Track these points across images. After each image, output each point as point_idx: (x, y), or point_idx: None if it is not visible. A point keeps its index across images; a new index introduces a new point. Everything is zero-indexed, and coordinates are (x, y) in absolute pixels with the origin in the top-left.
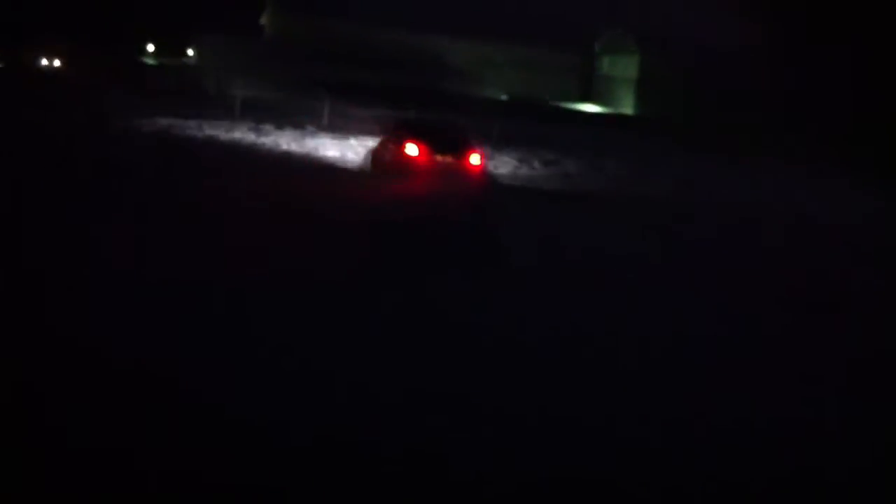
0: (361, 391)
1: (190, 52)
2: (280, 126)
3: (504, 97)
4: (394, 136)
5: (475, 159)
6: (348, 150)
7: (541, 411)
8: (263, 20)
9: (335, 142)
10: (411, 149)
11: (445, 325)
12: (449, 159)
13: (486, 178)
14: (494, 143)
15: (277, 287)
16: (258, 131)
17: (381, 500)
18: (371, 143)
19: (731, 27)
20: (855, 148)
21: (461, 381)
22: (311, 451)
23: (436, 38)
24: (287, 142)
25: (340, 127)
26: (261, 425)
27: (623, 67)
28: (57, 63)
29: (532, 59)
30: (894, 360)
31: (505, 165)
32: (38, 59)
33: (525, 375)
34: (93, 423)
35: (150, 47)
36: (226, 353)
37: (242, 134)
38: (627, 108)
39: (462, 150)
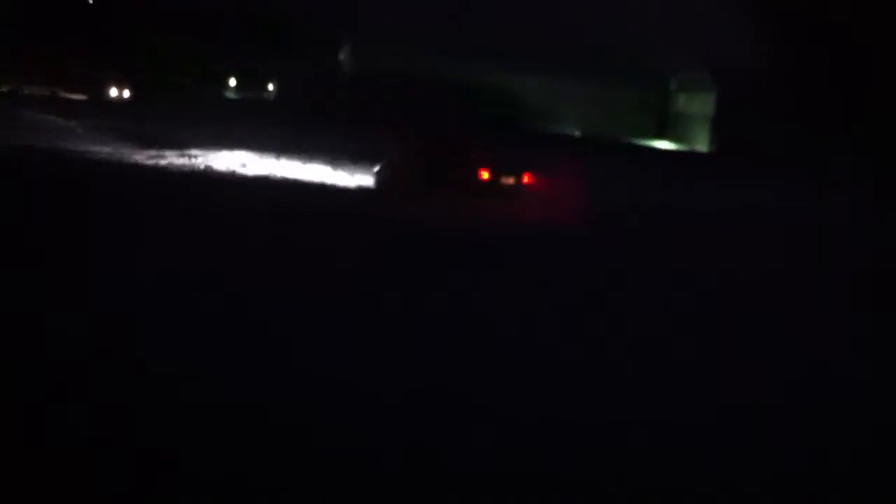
0: None
1: (270, 86)
2: (355, 160)
3: (577, 134)
4: (445, 151)
5: (532, 178)
6: None
7: None
8: (341, 56)
9: None
10: (483, 171)
11: None
12: (510, 180)
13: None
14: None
15: None
16: (335, 165)
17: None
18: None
19: (802, 52)
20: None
21: None
22: None
23: (511, 74)
24: (361, 176)
25: None
26: None
27: (699, 104)
28: (126, 94)
29: (607, 97)
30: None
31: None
32: (108, 88)
33: None
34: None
35: (232, 82)
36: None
37: (318, 168)
38: (703, 145)
39: (519, 170)
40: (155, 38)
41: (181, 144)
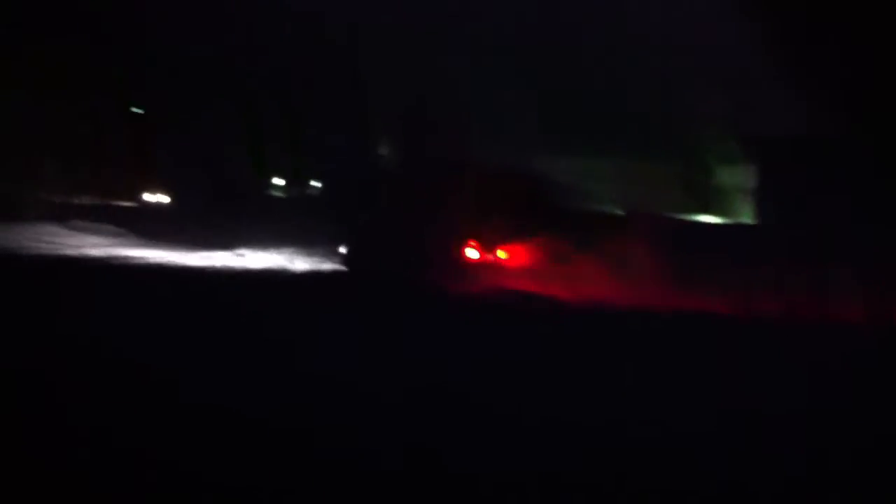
0: None
1: (314, 183)
2: None
3: (618, 212)
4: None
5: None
6: None
7: None
8: (382, 151)
9: None
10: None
11: None
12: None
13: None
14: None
15: None
16: None
17: None
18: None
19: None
20: None
21: None
22: None
23: (546, 155)
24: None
25: None
26: None
27: (737, 177)
28: (164, 198)
29: (645, 173)
30: None
31: None
32: (154, 194)
33: None
34: None
35: (276, 180)
36: None
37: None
38: (746, 217)
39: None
40: (196, 142)
41: (229, 245)
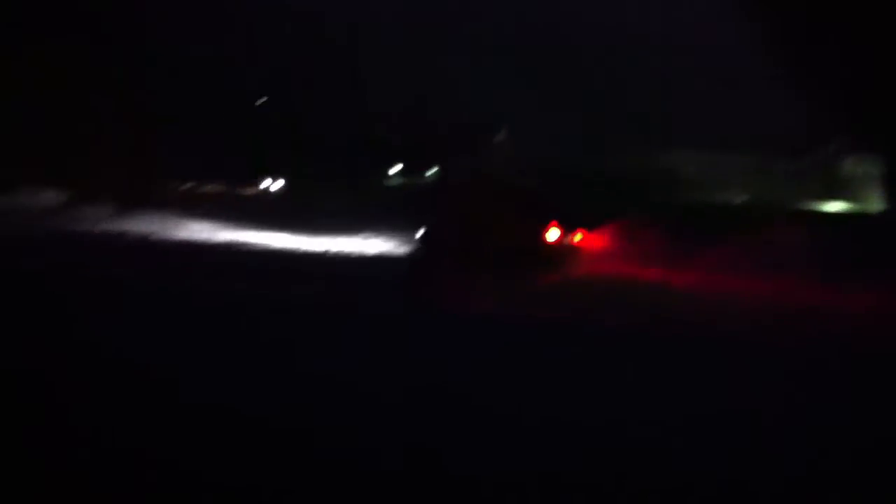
0: None
1: (429, 172)
2: None
3: (738, 202)
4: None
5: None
6: None
7: None
8: (499, 138)
9: None
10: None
11: None
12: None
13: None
14: None
15: None
16: None
17: None
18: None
19: None
20: None
21: None
22: None
23: (665, 153)
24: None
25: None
26: None
27: (867, 164)
28: (283, 184)
29: (769, 163)
30: None
31: None
32: (274, 180)
33: None
34: None
35: (396, 167)
36: None
37: None
38: (877, 206)
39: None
40: (312, 132)
41: (347, 231)
